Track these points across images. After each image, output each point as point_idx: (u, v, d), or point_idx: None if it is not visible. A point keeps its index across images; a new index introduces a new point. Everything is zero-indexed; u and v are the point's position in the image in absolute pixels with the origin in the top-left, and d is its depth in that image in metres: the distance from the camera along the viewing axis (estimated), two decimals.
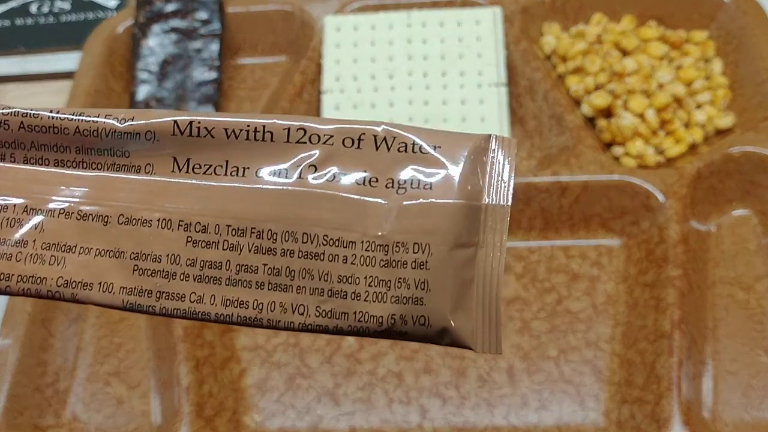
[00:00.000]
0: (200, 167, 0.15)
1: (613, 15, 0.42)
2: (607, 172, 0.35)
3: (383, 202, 0.15)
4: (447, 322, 0.15)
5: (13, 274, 0.15)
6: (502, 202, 0.15)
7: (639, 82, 0.37)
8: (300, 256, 0.15)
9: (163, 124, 0.15)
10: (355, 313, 0.15)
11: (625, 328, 0.33)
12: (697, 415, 0.30)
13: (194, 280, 0.15)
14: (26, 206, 0.16)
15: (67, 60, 0.45)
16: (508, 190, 0.15)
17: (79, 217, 0.15)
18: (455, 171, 0.15)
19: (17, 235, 0.15)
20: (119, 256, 0.15)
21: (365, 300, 0.15)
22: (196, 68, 0.41)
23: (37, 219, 0.15)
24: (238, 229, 0.15)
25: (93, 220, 0.15)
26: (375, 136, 0.15)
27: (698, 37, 0.40)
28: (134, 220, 0.15)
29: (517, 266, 0.35)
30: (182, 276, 0.15)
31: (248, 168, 0.15)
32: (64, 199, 0.16)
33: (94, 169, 0.16)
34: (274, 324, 0.15)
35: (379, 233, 0.15)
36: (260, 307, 0.15)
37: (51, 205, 0.16)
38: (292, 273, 0.15)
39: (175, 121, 0.15)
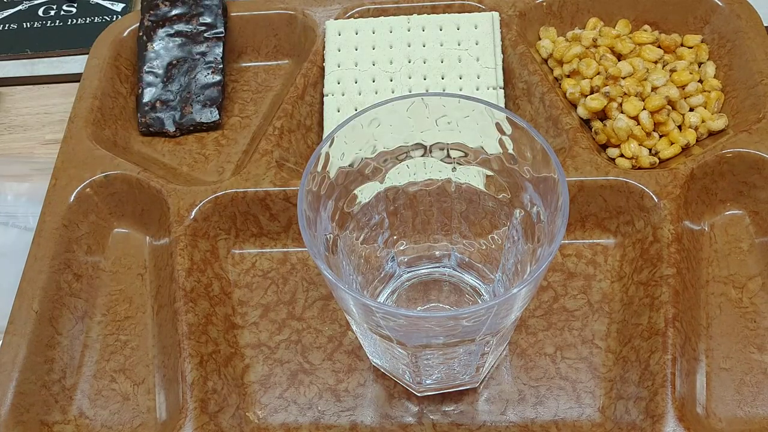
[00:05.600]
0: None
1: (608, 19, 0.42)
2: (602, 173, 0.35)
3: None
4: None
5: None
6: None
7: (634, 85, 0.38)
8: None
9: None
10: None
11: (620, 325, 0.33)
12: (690, 411, 0.30)
13: None
14: None
15: (73, 63, 0.46)
16: None
17: None
18: None
19: None
20: None
21: None
22: (200, 71, 0.42)
23: None
24: None
25: None
26: None
27: (692, 40, 0.41)
28: None
29: None
30: None
31: None
32: None
33: None
34: None
35: None
36: None
37: None
38: None
39: None
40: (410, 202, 0.31)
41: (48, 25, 0.48)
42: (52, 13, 0.48)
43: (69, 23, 0.48)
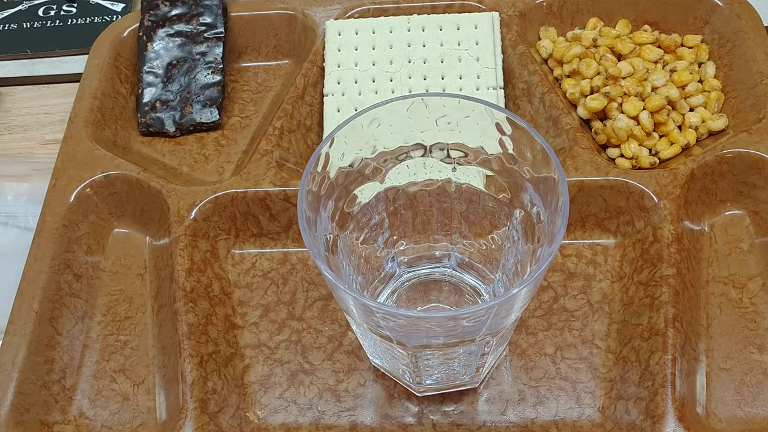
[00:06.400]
0: None
1: (608, 19, 0.42)
2: (602, 173, 0.35)
3: None
4: None
5: None
6: None
7: (634, 85, 0.38)
8: None
9: None
10: None
11: (620, 325, 0.33)
12: (690, 411, 0.30)
13: None
14: None
15: (73, 63, 0.46)
16: None
17: None
18: None
19: None
20: None
21: None
22: (200, 71, 0.42)
23: None
24: None
25: None
26: None
27: (692, 40, 0.41)
28: None
29: None
30: None
31: None
32: None
33: None
34: None
35: None
36: None
37: None
38: None
39: None
40: (410, 202, 0.31)
41: (48, 25, 0.48)
42: (52, 13, 0.48)
43: (69, 23, 0.48)
